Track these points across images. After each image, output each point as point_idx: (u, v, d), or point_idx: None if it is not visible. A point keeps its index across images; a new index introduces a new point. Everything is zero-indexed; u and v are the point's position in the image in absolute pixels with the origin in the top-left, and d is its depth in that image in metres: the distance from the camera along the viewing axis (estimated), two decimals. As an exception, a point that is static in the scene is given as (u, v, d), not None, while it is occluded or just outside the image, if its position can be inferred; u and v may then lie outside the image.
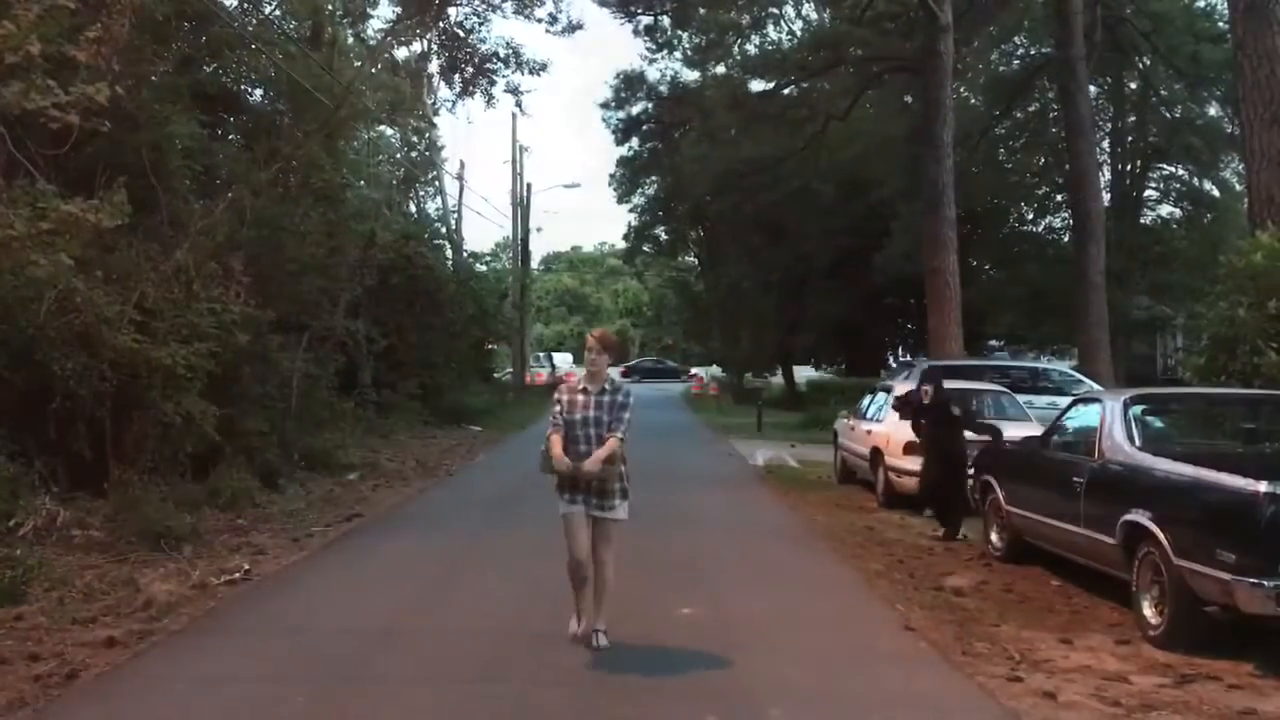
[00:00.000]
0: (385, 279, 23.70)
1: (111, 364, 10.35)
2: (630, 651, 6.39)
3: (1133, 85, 30.86)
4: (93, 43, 8.29)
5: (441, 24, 21.05)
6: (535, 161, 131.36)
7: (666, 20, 29.63)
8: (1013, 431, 11.55)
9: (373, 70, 21.05)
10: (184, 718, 5.48)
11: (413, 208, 35.91)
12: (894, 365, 31.38)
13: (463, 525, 11.88)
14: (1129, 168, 32.56)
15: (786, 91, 29.07)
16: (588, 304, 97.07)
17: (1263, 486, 5.96)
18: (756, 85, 29.86)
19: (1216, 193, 32.19)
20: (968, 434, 11.25)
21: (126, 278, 11.16)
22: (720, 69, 34.22)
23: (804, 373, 43.21)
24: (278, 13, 18.29)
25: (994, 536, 9.78)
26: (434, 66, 24.64)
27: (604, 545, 6.40)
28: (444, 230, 37.62)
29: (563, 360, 62.54)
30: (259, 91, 18.51)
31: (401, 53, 24.44)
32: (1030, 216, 35.45)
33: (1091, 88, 26.07)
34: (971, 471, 10.80)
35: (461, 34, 21.60)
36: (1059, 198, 32.60)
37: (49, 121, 7.49)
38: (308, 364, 16.78)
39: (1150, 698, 5.69)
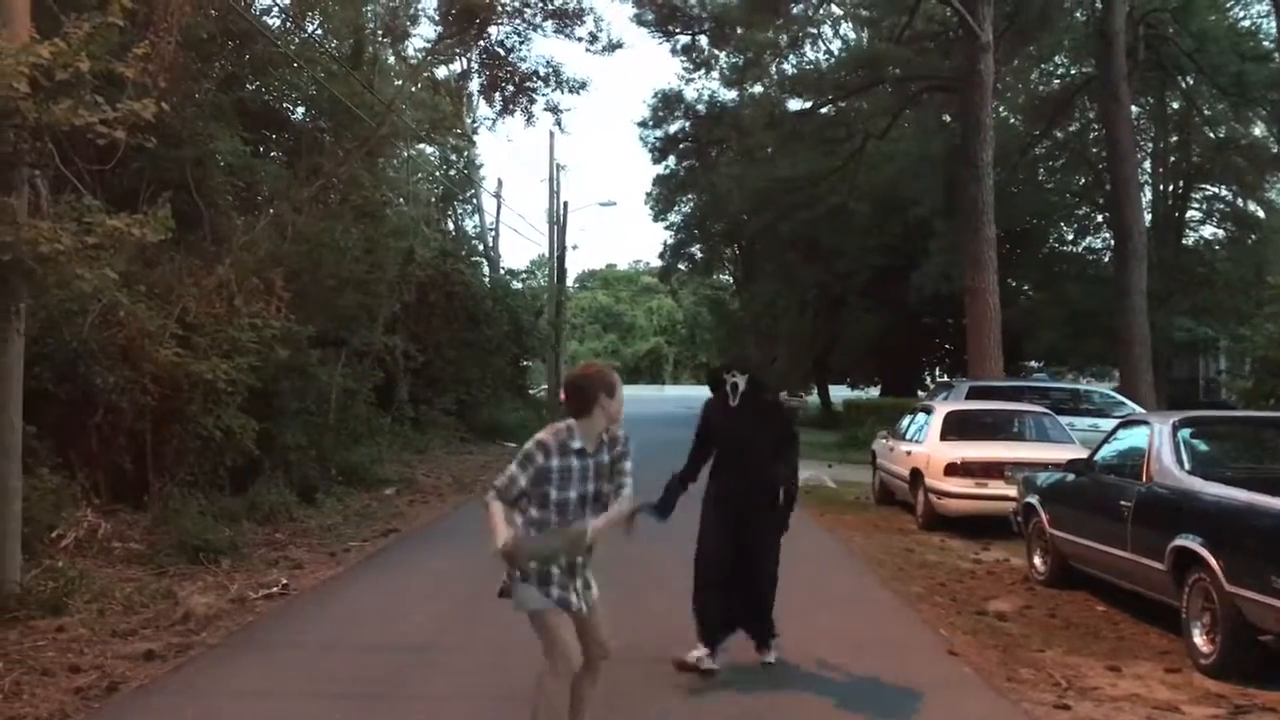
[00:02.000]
0: (423, 295, 23.80)
1: (153, 378, 10.43)
2: (669, 673, 6.31)
3: (1175, 105, 30.54)
4: (140, 60, 8.34)
5: (482, 43, 21.15)
6: (571, 179, 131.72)
7: (704, 40, 29.73)
8: (1055, 454, 11.40)
9: (413, 89, 21.18)
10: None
11: (451, 225, 36.08)
12: (932, 385, 31.12)
13: (499, 542, 11.82)
14: (1171, 188, 32.20)
15: (824, 111, 29.04)
16: (622, 321, 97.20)
17: (1319, 512, 5.81)
18: (794, 104, 29.89)
19: (1261, 214, 31.78)
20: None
21: (169, 292, 11.26)
22: (758, 88, 34.32)
23: (839, 392, 42.95)
24: (319, 32, 18.46)
25: (1037, 560, 9.61)
26: (474, 85, 24.79)
27: (599, 624, 4.74)
28: (481, 247, 37.81)
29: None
30: (301, 109, 18.69)
31: (442, 71, 24.66)
32: (1070, 236, 35.18)
33: (1133, 107, 25.83)
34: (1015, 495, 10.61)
35: (502, 53, 21.68)
36: (1100, 218, 32.33)
37: (96, 138, 7.53)
38: (346, 379, 16.84)
39: (1203, 729, 5.56)
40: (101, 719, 5.58)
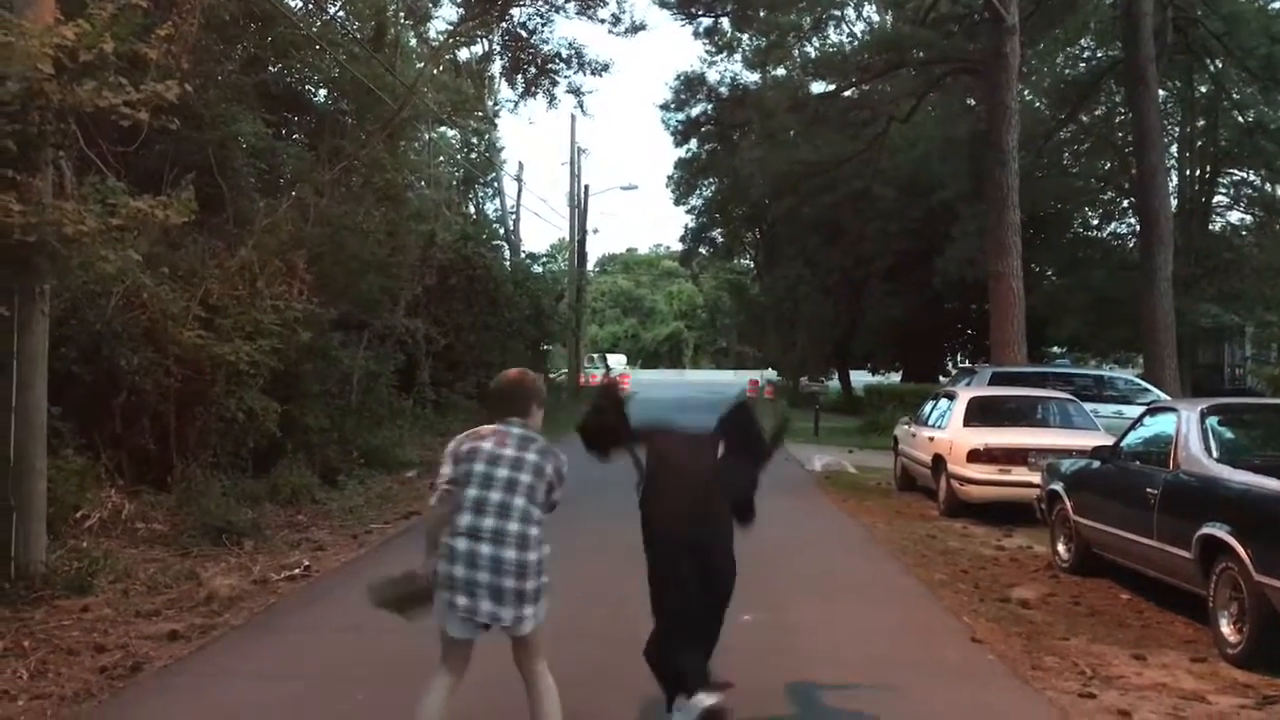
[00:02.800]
0: (444, 279, 23.80)
1: (176, 359, 10.47)
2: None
3: (1203, 88, 30.16)
4: (163, 41, 8.35)
5: (504, 25, 21.13)
6: (592, 163, 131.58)
7: (727, 22, 29.56)
8: (1079, 441, 11.32)
9: (435, 71, 21.15)
10: (246, 712, 5.48)
11: (472, 208, 36.12)
12: (955, 371, 30.97)
13: (519, 525, 11.84)
14: (1198, 172, 31.84)
15: (847, 93, 28.79)
16: (642, 306, 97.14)
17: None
18: (817, 87, 29.65)
19: (1289, 199, 31.40)
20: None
21: (192, 274, 11.29)
22: (780, 71, 34.09)
23: (861, 378, 42.80)
24: (341, 14, 18.44)
25: (1061, 548, 9.56)
26: (496, 67, 24.79)
27: (529, 659, 4.52)
28: (502, 231, 37.84)
29: (617, 361, 62.66)
30: (323, 92, 18.71)
31: (464, 53, 24.62)
32: (1095, 221, 34.84)
33: (1160, 91, 25.52)
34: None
35: (524, 34, 21.70)
36: (1125, 203, 32.02)
37: (120, 119, 7.55)
38: (368, 362, 16.87)
39: (1230, 719, 5.50)
40: (126, 698, 5.61)
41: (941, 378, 33.26)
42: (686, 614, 5.03)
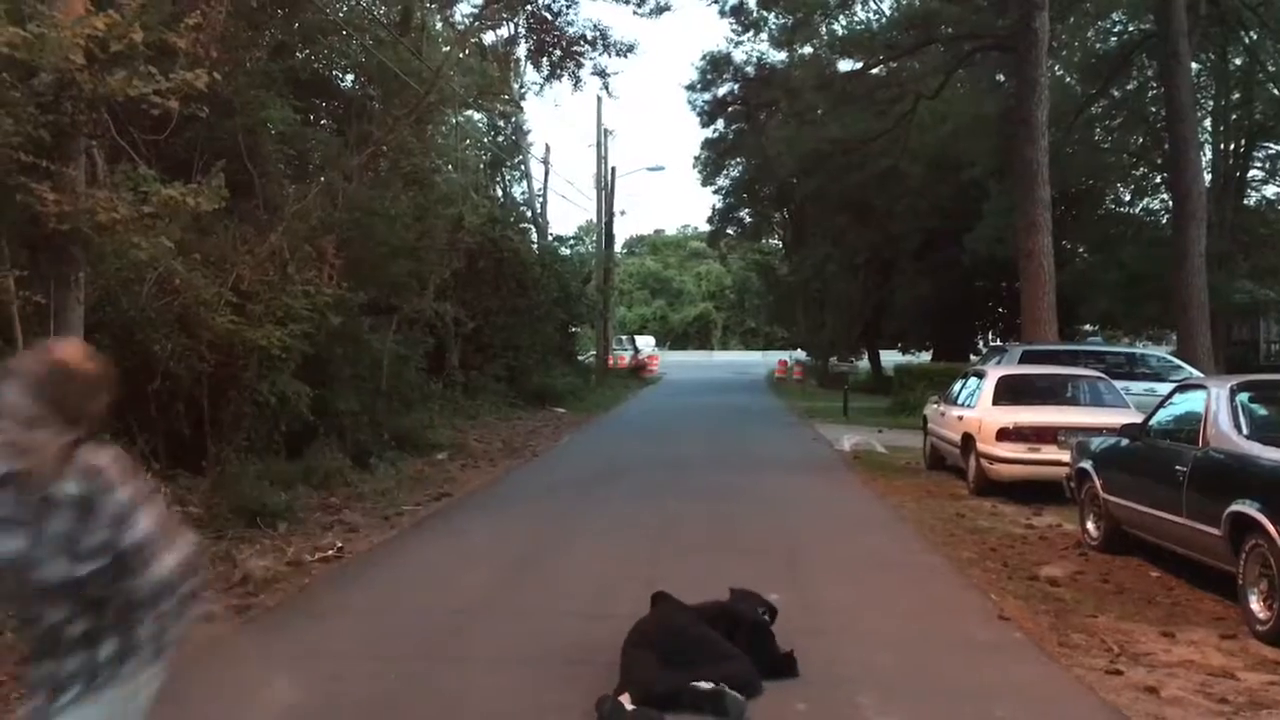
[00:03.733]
0: (472, 262, 23.91)
1: (209, 345, 10.60)
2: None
3: (1237, 60, 29.71)
4: (192, 30, 8.45)
5: (529, 7, 21.09)
6: (619, 144, 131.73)
7: (753, 0, 29.35)
8: (1109, 419, 11.27)
9: (461, 55, 21.17)
10: (282, 694, 5.58)
11: (499, 192, 36.18)
12: (985, 350, 30.80)
13: (549, 506, 11.96)
14: (1232, 146, 31.36)
15: (875, 71, 28.60)
16: (670, 287, 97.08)
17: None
18: (844, 65, 29.45)
19: (1326, 172, 30.91)
20: None
21: (223, 260, 11.41)
22: (807, 49, 33.77)
23: (890, 357, 42.68)
24: (368, -1, 18.50)
25: (1090, 526, 9.53)
26: (521, 50, 24.71)
27: None
28: (529, 214, 37.87)
29: (645, 343, 62.67)
30: (350, 77, 18.79)
31: (489, 37, 24.58)
32: (1127, 198, 34.43)
33: (1193, 64, 25.17)
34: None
35: (549, 16, 21.62)
36: (1158, 178, 31.60)
37: (150, 108, 7.66)
38: (398, 345, 17.01)
39: (1260, 695, 5.49)
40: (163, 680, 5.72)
41: (972, 356, 33.10)
42: None
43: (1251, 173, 32.13)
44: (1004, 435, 12.26)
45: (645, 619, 5.90)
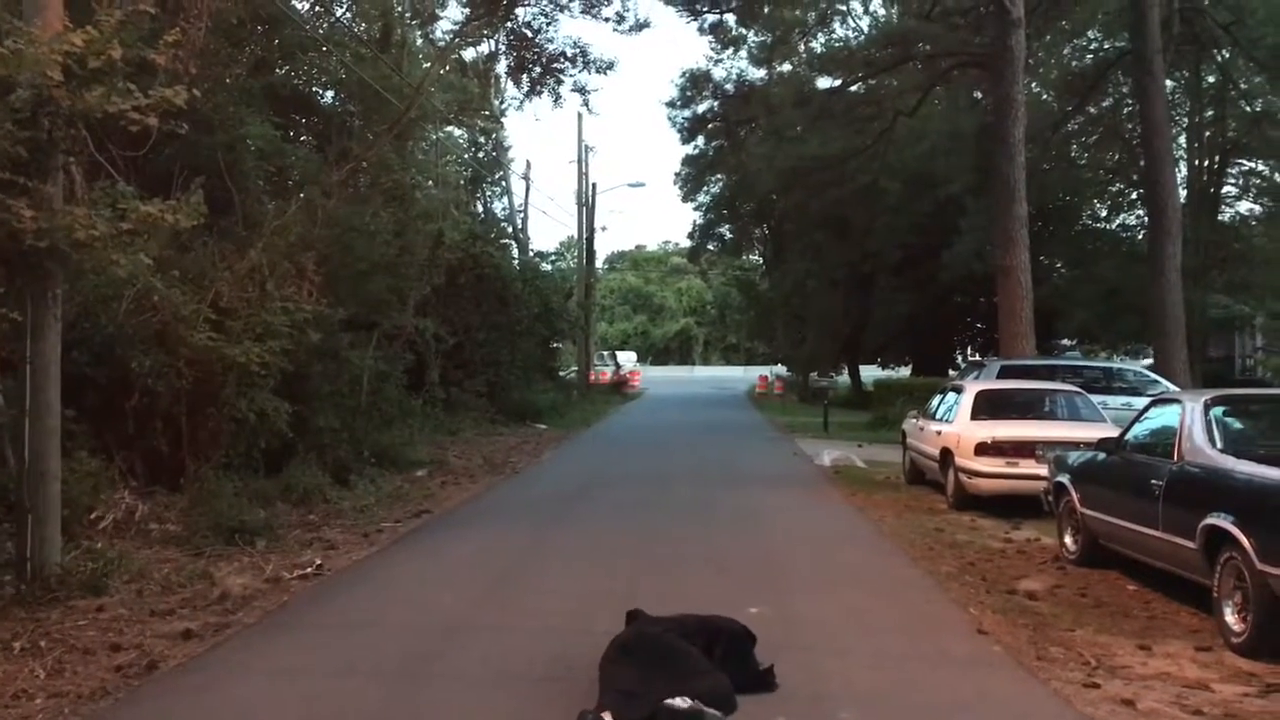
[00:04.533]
0: (453, 278, 23.91)
1: (188, 361, 10.58)
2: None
3: (1211, 78, 30.06)
4: (171, 46, 8.44)
5: (509, 24, 21.15)
6: (600, 161, 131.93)
7: (732, 18, 29.51)
8: (1086, 433, 11.35)
9: (441, 71, 21.22)
10: (261, 710, 5.55)
11: (480, 207, 36.22)
12: (963, 364, 30.96)
13: (529, 522, 11.94)
14: (1206, 163, 31.72)
15: (854, 88, 28.76)
16: (651, 302, 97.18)
17: (1353, 491, 5.76)
18: (823, 83, 29.64)
19: (1299, 188, 31.25)
20: None
21: (202, 277, 11.39)
22: (786, 67, 34.08)
23: (870, 372, 42.81)
24: (348, 15, 18.54)
25: (1068, 539, 9.59)
26: (502, 67, 24.78)
27: None
28: (510, 229, 37.89)
29: (626, 359, 62.70)
30: (330, 93, 18.82)
31: (469, 53, 24.66)
32: (1104, 214, 34.75)
33: (1168, 81, 25.45)
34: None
35: (529, 34, 21.65)
36: (1134, 194, 31.91)
37: (129, 124, 7.63)
38: (377, 362, 16.97)
39: (1234, 707, 5.54)
40: (141, 696, 5.70)
41: (951, 371, 33.24)
42: None
43: (1226, 189, 32.55)
44: (982, 450, 12.32)
45: (622, 634, 5.92)
